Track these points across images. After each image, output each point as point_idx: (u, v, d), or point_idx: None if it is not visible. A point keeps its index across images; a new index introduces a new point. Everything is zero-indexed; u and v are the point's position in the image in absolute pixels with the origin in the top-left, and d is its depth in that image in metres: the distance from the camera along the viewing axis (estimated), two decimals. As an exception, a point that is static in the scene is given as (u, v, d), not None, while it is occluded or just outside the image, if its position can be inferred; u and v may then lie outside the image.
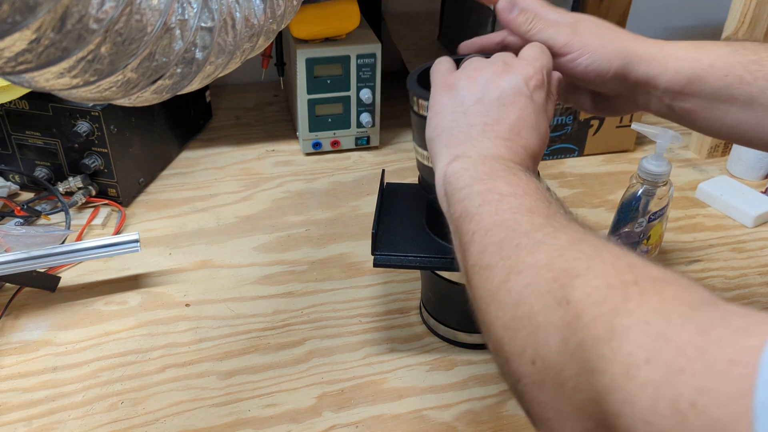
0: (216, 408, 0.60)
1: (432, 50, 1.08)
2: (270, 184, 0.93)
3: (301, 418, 0.59)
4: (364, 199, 0.90)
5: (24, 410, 0.59)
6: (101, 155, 0.82)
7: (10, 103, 0.80)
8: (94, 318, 0.70)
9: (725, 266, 0.79)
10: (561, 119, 0.95)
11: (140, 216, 0.85)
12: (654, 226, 0.72)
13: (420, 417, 0.60)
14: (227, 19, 0.46)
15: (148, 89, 0.44)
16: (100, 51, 0.37)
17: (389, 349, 0.67)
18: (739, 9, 0.89)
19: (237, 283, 0.75)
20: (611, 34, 0.54)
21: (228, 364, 0.65)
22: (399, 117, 1.09)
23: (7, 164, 0.86)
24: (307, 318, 0.70)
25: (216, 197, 0.90)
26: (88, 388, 0.62)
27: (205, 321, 0.69)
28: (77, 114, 0.79)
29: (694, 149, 1.02)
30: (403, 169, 0.96)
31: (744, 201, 0.87)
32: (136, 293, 0.73)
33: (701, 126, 0.55)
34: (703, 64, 0.51)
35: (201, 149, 1.00)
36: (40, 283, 0.71)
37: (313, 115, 0.95)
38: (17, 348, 0.66)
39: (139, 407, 0.60)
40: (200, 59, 0.45)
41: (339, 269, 0.77)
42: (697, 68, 0.51)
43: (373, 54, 0.92)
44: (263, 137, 1.04)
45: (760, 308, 0.75)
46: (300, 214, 0.87)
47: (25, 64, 0.35)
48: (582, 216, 0.85)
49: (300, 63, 0.90)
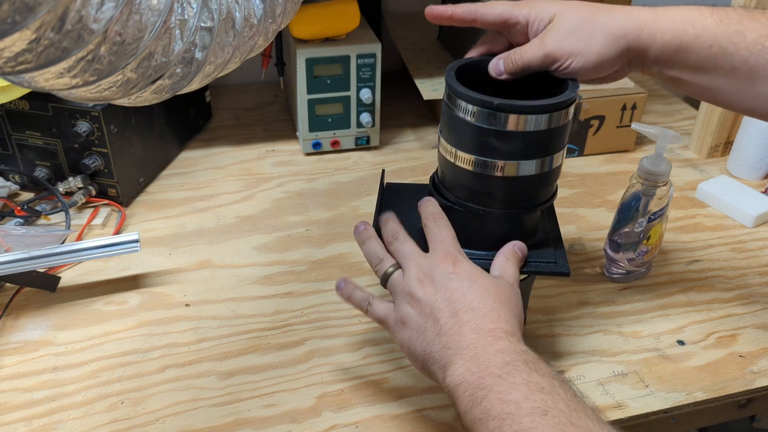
0: (216, 408, 0.60)
1: (432, 50, 1.08)
2: (270, 184, 0.93)
3: (301, 418, 0.59)
4: (364, 199, 0.90)
5: (24, 410, 0.59)
6: (101, 155, 0.82)
7: (10, 103, 0.80)
8: (94, 318, 0.70)
9: (725, 266, 0.79)
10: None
11: (140, 216, 0.85)
12: (654, 226, 0.72)
13: (420, 417, 0.60)
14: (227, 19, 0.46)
15: (148, 89, 0.44)
16: (99, 51, 0.37)
17: (389, 349, 0.67)
18: (739, 9, 0.89)
19: (237, 283, 0.75)
20: (590, 27, 0.53)
21: (228, 364, 0.65)
22: (399, 117, 1.09)
23: (7, 164, 0.86)
24: (307, 318, 0.70)
25: (216, 197, 0.90)
26: (88, 388, 0.62)
27: (205, 321, 0.69)
28: (77, 114, 0.79)
29: (694, 149, 1.02)
30: (402, 169, 0.96)
31: (744, 201, 0.87)
32: (136, 293, 0.73)
33: (686, 90, 0.57)
34: (689, 36, 0.52)
35: (201, 149, 1.00)
36: (40, 283, 0.71)
37: (313, 115, 0.95)
38: (17, 348, 0.66)
39: (139, 407, 0.60)
40: (200, 59, 0.45)
41: (339, 269, 0.77)
42: (684, 40, 0.52)
43: (373, 54, 0.92)
44: (263, 137, 1.04)
45: (759, 308, 0.76)
46: (300, 214, 0.87)
47: (25, 64, 0.35)
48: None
49: (300, 63, 0.90)
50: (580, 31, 0.53)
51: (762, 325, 0.71)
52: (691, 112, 1.13)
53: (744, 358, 0.66)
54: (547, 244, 0.61)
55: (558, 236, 0.63)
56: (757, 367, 0.65)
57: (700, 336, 0.69)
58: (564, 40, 0.53)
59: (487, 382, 0.43)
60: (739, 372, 0.65)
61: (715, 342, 0.68)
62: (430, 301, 0.51)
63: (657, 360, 0.66)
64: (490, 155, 0.54)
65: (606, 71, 0.55)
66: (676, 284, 0.76)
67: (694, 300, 0.74)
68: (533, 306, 0.71)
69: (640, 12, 0.54)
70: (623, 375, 0.64)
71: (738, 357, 0.66)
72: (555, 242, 0.61)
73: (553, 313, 0.71)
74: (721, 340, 0.68)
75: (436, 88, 0.97)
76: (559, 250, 0.60)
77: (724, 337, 0.69)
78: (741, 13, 0.53)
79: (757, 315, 0.72)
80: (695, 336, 0.69)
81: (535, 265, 0.59)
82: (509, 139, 0.53)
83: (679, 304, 0.73)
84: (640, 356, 0.66)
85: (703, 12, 0.53)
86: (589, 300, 0.73)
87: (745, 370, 0.65)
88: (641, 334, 0.69)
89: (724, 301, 0.74)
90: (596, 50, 0.53)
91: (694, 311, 0.72)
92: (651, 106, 1.14)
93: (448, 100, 0.55)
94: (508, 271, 0.55)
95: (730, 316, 0.72)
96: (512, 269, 0.55)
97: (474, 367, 0.45)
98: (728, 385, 0.63)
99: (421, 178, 0.93)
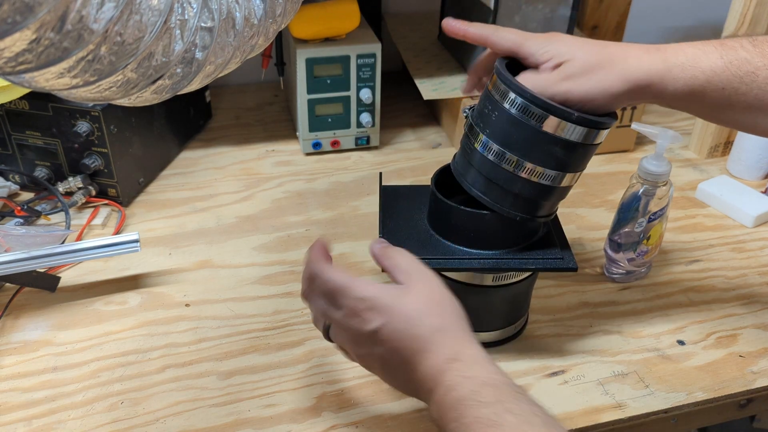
0: (216, 408, 0.60)
1: (432, 50, 1.08)
2: (270, 184, 0.93)
3: (301, 418, 0.59)
4: (364, 199, 0.90)
5: (24, 410, 0.59)
6: (101, 155, 0.82)
7: (10, 103, 0.80)
8: (94, 318, 0.70)
9: (725, 266, 0.79)
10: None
11: (140, 216, 0.85)
12: (654, 226, 0.72)
13: (420, 417, 0.60)
14: (227, 19, 0.46)
15: (148, 89, 0.44)
16: (100, 51, 0.37)
17: (389, 349, 0.67)
18: (739, 9, 0.89)
19: (237, 283, 0.75)
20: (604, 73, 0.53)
21: (228, 364, 0.65)
22: (399, 117, 1.09)
23: (7, 164, 0.86)
24: (307, 318, 0.70)
25: (216, 197, 0.90)
26: (88, 388, 0.62)
27: (205, 321, 0.69)
28: (77, 114, 0.79)
29: (694, 149, 1.02)
30: (402, 169, 0.96)
31: (744, 201, 0.87)
32: (136, 293, 0.73)
33: (704, 120, 0.58)
34: (700, 81, 0.53)
35: (201, 149, 1.00)
36: (40, 283, 0.71)
37: (313, 115, 0.95)
38: (17, 348, 0.66)
39: (139, 407, 0.60)
40: (200, 59, 0.45)
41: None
42: (695, 86, 0.53)
43: (373, 54, 0.92)
44: (263, 137, 1.04)
45: (759, 308, 0.76)
46: (300, 214, 0.87)
47: (25, 64, 0.35)
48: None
49: (300, 63, 0.90)
50: (594, 76, 0.53)
51: (762, 325, 0.71)
52: (691, 112, 1.13)
53: (744, 358, 0.66)
54: (553, 242, 0.61)
55: (562, 234, 0.63)
56: (757, 367, 0.65)
57: (700, 336, 0.69)
58: (577, 85, 0.53)
59: (450, 427, 0.44)
60: (739, 372, 0.65)
61: (715, 342, 0.68)
62: (372, 358, 0.50)
63: (657, 360, 0.66)
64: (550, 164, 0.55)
65: (616, 109, 0.57)
66: (676, 284, 0.76)
67: (694, 300, 0.74)
68: (533, 306, 0.71)
69: (652, 59, 0.53)
70: (623, 375, 0.64)
71: (738, 357, 0.66)
72: (561, 240, 0.62)
73: (553, 313, 0.71)
74: (721, 340, 0.68)
75: (436, 88, 0.97)
76: (566, 248, 0.61)
77: (724, 337, 0.69)
78: (749, 50, 0.53)
79: (757, 315, 0.72)
80: (695, 336, 0.69)
81: (543, 261, 0.59)
82: (574, 150, 0.55)
83: (679, 304, 0.73)
84: (640, 356, 0.66)
85: (711, 54, 0.53)
86: (589, 300, 0.73)
87: (745, 370, 0.65)
88: (641, 334, 0.69)
89: (724, 301, 0.74)
90: (609, 94, 0.53)
91: (694, 311, 0.72)
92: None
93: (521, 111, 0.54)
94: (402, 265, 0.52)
95: (730, 316, 0.72)
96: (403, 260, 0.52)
97: (437, 412, 0.46)
98: (728, 385, 0.63)
99: (421, 178, 0.93)
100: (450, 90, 0.97)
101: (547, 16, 0.92)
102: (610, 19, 1.24)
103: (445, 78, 0.99)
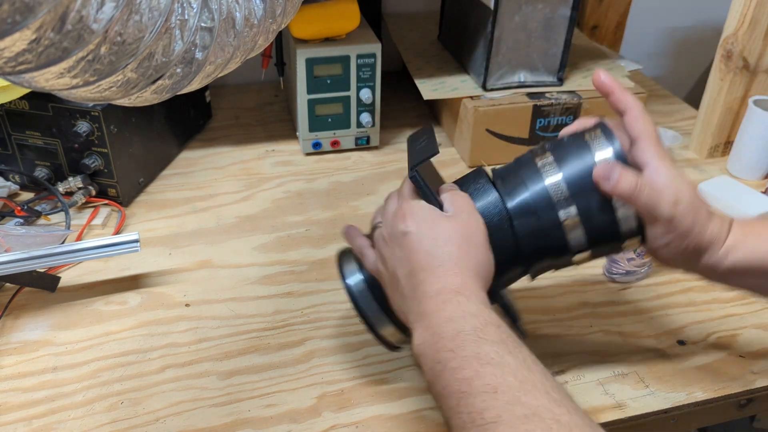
0: (216, 408, 0.60)
1: (432, 50, 1.08)
2: (270, 184, 0.93)
3: (301, 418, 0.59)
4: (364, 199, 0.90)
5: (24, 410, 0.59)
6: (101, 155, 0.82)
7: (10, 103, 0.80)
8: (94, 318, 0.70)
9: (725, 266, 0.79)
10: (561, 119, 0.95)
11: (140, 216, 0.85)
12: (654, 226, 0.72)
13: (420, 417, 0.60)
14: (227, 19, 0.46)
15: (148, 89, 0.44)
16: (100, 51, 0.37)
17: (389, 349, 0.67)
18: (739, 9, 0.89)
19: (237, 283, 0.75)
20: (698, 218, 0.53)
21: (228, 364, 0.65)
22: (399, 117, 1.09)
23: (7, 164, 0.86)
24: (307, 318, 0.70)
25: (216, 197, 0.90)
26: (88, 388, 0.62)
27: (205, 321, 0.69)
28: (77, 114, 0.79)
29: (694, 149, 1.02)
30: (403, 169, 0.96)
31: (744, 201, 0.87)
32: (136, 293, 0.73)
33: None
34: (762, 251, 0.53)
35: (201, 149, 1.00)
36: (40, 283, 0.71)
37: (313, 115, 0.95)
38: (17, 348, 0.66)
39: (139, 407, 0.60)
40: (200, 59, 0.45)
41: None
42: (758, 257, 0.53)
43: (373, 54, 0.92)
44: (263, 137, 1.04)
45: (759, 308, 0.76)
46: (300, 214, 0.87)
47: (25, 64, 0.35)
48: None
49: (300, 63, 0.90)
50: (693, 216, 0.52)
51: (762, 325, 0.71)
52: (691, 112, 1.13)
53: (744, 358, 0.66)
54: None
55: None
56: (757, 367, 0.65)
57: (700, 336, 0.69)
58: (684, 217, 0.52)
59: (442, 356, 0.44)
60: (739, 372, 0.65)
61: (715, 342, 0.68)
62: (390, 260, 0.52)
63: (657, 360, 0.66)
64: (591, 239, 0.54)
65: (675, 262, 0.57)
66: (676, 284, 0.76)
67: (694, 300, 0.74)
68: (534, 306, 0.71)
69: (718, 223, 0.53)
70: (623, 375, 0.64)
71: (738, 357, 0.66)
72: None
73: (553, 313, 0.71)
74: (721, 340, 0.68)
75: (436, 88, 0.97)
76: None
77: (724, 337, 0.69)
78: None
79: (757, 315, 0.72)
80: (695, 336, 0.69)
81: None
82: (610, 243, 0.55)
83: (679, 304, 0.73)
84: (640, 356, 0.66)
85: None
86: (589, 300, 0.73)
87: (745, 370, 0.65)
88: (641, 334, 0.69)
89: (724, 301, 0.74)
90: (694, 233, 0.52)
91: (694, 311, 0.72)
92: (651, 106, 1.14)
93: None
94: (459, 201, 0.53)
95: (730, 316, 0.72)
96: (462, 198, 0.53)
97: (429, 339, 0.46)
98: (728, 385, 0.63)
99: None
100: (450, 90, 0.97)
101: (547, 16, 0.91)
102: (610, 19, 1.24)
103: (445, 78, 0.99)
